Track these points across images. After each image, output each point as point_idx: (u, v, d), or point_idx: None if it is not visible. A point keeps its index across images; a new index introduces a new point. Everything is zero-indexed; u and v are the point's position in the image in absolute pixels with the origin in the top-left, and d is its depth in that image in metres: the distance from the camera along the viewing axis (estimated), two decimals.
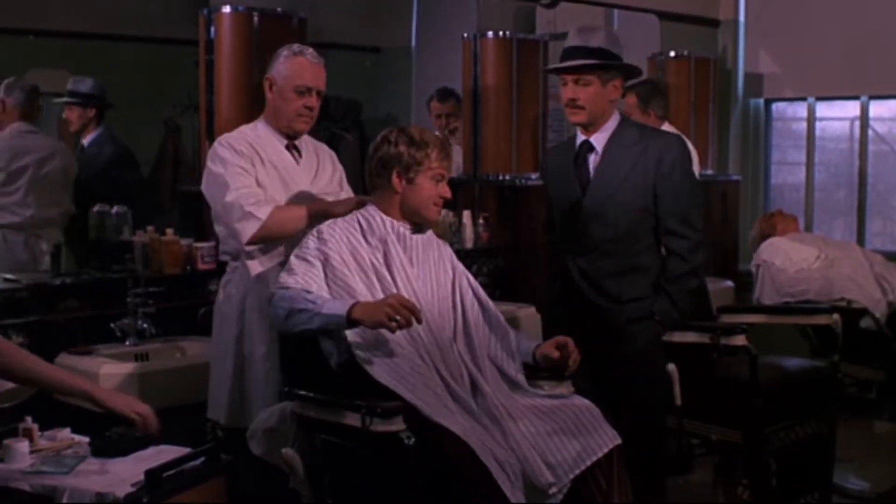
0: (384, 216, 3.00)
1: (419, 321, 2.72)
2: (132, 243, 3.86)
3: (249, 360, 3.24)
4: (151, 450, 2.57)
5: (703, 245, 3.52)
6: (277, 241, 3.22)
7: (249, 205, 3.16)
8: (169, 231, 3.90)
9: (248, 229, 3.16)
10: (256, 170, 3.24)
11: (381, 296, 2.86)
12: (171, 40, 5.18)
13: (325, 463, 2.73)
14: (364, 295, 2.86)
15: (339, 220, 3.01)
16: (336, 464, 2.72)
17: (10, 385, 2.58)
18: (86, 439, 2.65)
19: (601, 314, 3.52)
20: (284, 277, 2.89)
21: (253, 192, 3.20)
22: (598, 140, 3.52)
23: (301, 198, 3.29)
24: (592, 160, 3.54)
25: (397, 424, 2.56)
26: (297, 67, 3.26)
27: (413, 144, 2.98)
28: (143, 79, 5.36)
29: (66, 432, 2.72)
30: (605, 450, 2.77)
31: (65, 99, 4.67)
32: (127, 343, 3.63)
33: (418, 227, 3.04)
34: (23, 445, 2.57)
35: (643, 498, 2.92)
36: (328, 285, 2.87)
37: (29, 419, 2.68)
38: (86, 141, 4.57)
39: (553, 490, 2.71)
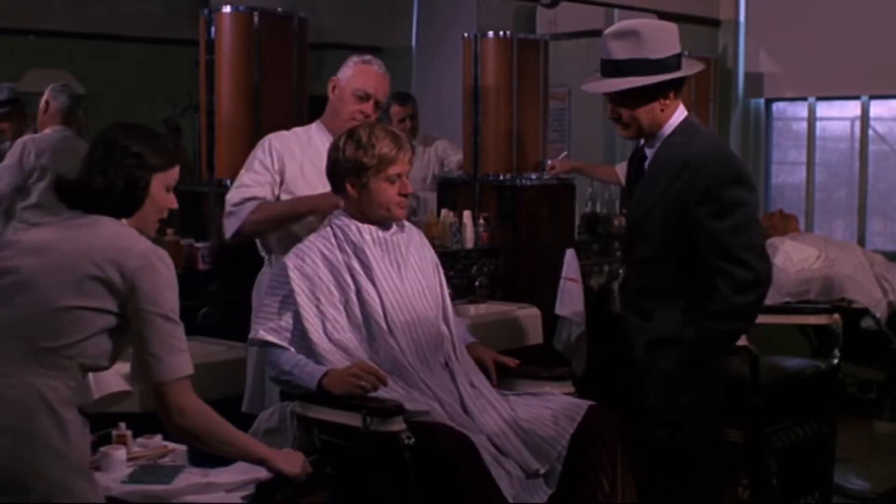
0: (358, 224, 2.94)
1: (385, 384, 2.71)
2: None
3: None
4: None
5: (755, 284, 2.87)
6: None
7: (233, 204, 3.29)
8: (169, 231, 3.89)
9: (229, 227, 3.32)
10: (286, 170, 3.31)
11: (357, 312, 2.85)
12: (171, 40, 5.20)
13: (325, 463, 2.73)
14: (340, 319, 2.84)
15: (315, 237, 2.96)
16: (336, 464, 2.72)
17: (110, 389, 2.53)
18: (182, 447, 2.58)
19: (629, 330, 3.11)
20: (257, 318, 2.88)
21: (246, 192, 3.29)
22: (650, 150, 3.05)
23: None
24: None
25: (397, 424, 2.57)
26: (360, 73, 3.35)
27: (360, 148, 2.90)
28: (143, 79, 5.36)
29: (158, 439, 2.66)
30: (581, 414, 2.80)
31: None
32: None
33: (390, 224, 2.99)
34: (120, 453, 2.51)
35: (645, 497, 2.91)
36: (301, 324, 2.83)
37: (122, 425, 2.62)
38: None
39: (542, 471, 2.73)
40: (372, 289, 2.86)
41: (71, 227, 2.25)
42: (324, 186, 3.27)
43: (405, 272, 2.94)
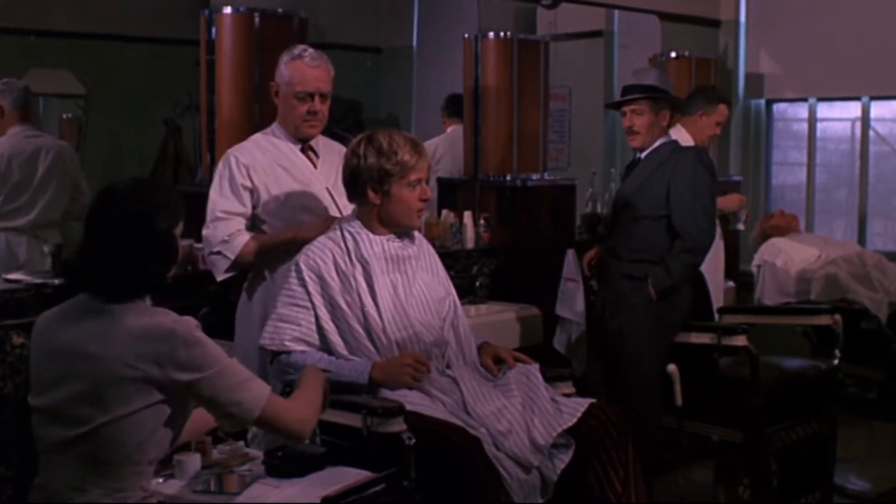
0: (370, 234, 2.93)
1: (429, 371, 2.80)
2: None
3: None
4: (328, 471, 2.49)
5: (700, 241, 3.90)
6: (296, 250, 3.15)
7: (218, 243, 3.22)
8: None
9: (220, 266, 3.27)
10: (256, 184, 3.24)
11: (357, 318, 2.86)
12: (171, 40, 5.19)
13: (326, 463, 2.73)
14: (351, 320, 2.86)
15: (325, 239, 2.94)
16: (336, 464, 2.71)
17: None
18: (260, 454, 2.56)
19: (607, 268, 4.06)
20: (279, 326, 2.86)
21: (227, 227, 3.23)
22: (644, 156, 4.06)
23: (321, 201, 3.26)
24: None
25: (398, 425, 2.56)
26: (295, 73, 3.23)
27: (382, 155, 2.88)
28: (143, 79, 5.36)
29: (240, 445, 2.61)
30: (584, 407, 2.81)
31: None
32: None
33: (404, 234, 2.98)
34: (195, 461, 2.46)
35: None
36: (322, 325, 2.86)
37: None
38: None
39: (547, 445, 2.73)
40: (372, 304, 2.86)
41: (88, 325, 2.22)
42: (302, 191, 3.26)
43: (411, 286, 2.93)
